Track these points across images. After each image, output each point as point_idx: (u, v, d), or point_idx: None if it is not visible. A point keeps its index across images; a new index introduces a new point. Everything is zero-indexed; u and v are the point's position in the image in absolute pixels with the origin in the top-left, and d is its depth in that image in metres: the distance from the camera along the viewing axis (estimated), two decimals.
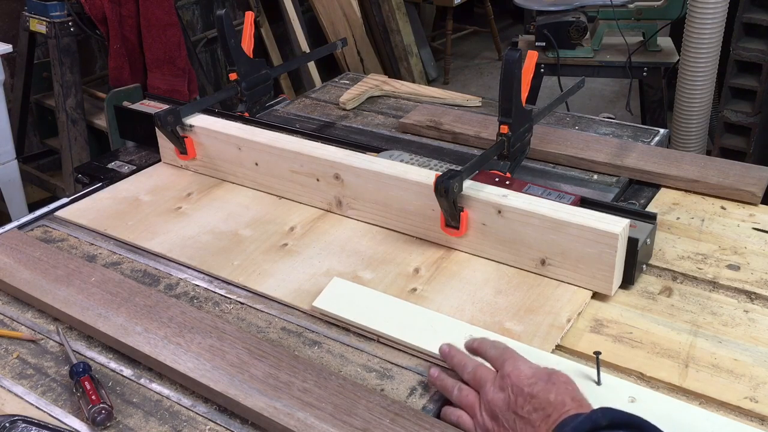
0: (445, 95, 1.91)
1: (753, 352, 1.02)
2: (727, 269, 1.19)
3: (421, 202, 1.26)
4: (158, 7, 2.91)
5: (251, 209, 1.42)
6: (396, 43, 4.53)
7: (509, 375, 0.90)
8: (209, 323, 1.08)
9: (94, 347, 1.09)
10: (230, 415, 0.96)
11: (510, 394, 0.88)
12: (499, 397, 0.89)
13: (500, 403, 0.88)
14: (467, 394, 0.93)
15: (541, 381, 0.87)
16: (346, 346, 1.07)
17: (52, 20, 2.84)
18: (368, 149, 1.46)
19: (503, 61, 1.28)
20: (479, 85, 4.98)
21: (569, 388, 0.86)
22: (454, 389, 0.95)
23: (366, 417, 0.91)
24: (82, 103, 3.00)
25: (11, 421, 0.92)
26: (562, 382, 0.87)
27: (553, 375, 0.88)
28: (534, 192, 1.24)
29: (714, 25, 2.87)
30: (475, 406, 0.91)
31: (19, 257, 1.25)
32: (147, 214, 1.41)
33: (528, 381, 0.88)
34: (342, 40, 2.00)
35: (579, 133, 1.65)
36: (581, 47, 3.14)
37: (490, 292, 1.16)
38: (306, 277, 1.21)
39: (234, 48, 1.63)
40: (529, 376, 0.88)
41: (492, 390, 0.90)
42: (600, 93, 4.57)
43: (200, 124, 1.51)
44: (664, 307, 1.12)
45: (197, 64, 3.38)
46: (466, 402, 0.93)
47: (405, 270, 1.22)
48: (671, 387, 0.97)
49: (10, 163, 2.84)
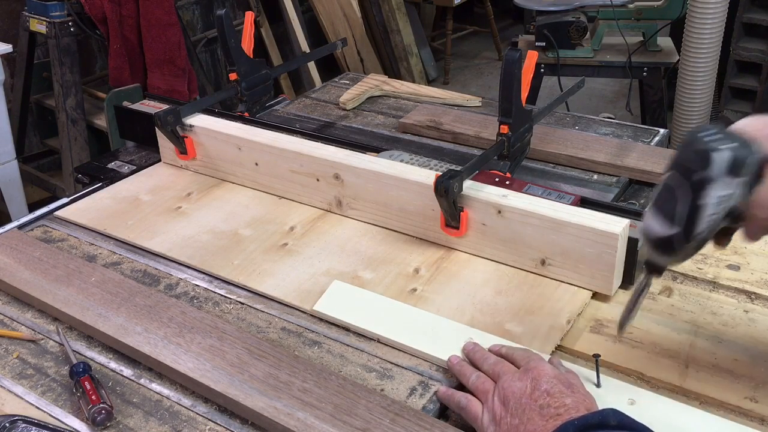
0: (445, 95, 1.91)
1: (753, 352, 1.02)
2: (727, 269, 1.19)
3: (421, 202, 1.26)
4: (158, 7, 2.91)
5: (251, 209, 1.42)
6: (396, 43, 4.53)
7: (532, 369, 0.90)
8: (209, 323, 1.08)
9: (94, 347, 1.09)
10: (230, 415, 0.96)
11: (528, 385, 0.88)
12: (515, 386, 0.89)
13: (516, 390, 0.88)
14: (484, 381, 0.94)
15: (562, 384, 0.87)
16: (346, 346, 1.07)
17: (52, 20, 2.84)
18: (368, 149, 1.46)
19: (503, 61, 1.28)
20: (479, 85, 4.98)
21: (587, 400, 0.86)
22: (472, 375, 0.95)
23: (366, 417, 0.91)
24: (82, 103, 3.00)
25: (11, 421, 0.92)
26: (582, 392, 0.88)
27: (574, 385, 0.88)
28: (534, 192, 1.24)
29: (714, 25, 2.87)
30: (489, 393, 0.91)
31: (19, 257, 1.25)
32: (147, 214, 1.41)
33: (549, 379, 0.88)
34: (342, 40, 2.00)
35: (579, 133, 1.65)
36: (581, 47, 3.15)
37: (490, 293, 1.16)
38: (306, 277, 1.21)
39: (234, 48, 1.63)
40: (551, 376, 0.88)
41: (510, 379, 0.90)
42: (600, 93, 4.57)
43: (200, 124, 1.51)
44: (664, 307, 1.12)
45: (197, 64, 3.39)
46: (481, 388, 0.93)
47: (405, 270, 1.22)
48: (671, 387, 0.97)
49: (10, 163, 2.84)
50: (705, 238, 0.80)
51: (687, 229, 0.79)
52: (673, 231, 0.79)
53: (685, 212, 0.78)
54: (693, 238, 0.79)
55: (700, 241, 0.80)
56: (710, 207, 0.77)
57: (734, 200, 0.78)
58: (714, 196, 0.77)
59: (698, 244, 0.81)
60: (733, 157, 0.75)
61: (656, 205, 0.82)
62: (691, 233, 0.79)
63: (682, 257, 0.84)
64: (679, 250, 0.81)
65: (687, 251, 0.82)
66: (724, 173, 0.76)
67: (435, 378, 1.00)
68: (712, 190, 0.76)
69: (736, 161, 0.75)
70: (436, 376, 1.01)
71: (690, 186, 0.77)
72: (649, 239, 0.83)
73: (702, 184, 0.77)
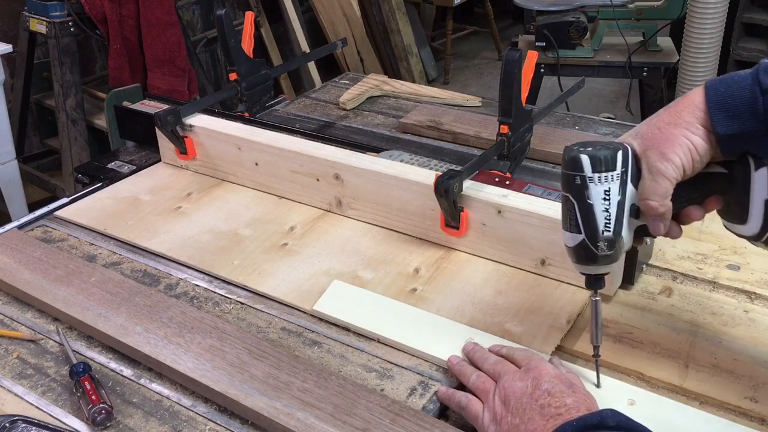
0: (445, 95, 1.91)
1: (753, 352, 1.02)
2: (727, 269, 1.19)
3: (421, 202, 1.26)
4: (158, 7, 2.91)
5: (251, 209, 1.42)
6: (396, 43, 4.53)
7: (533, 369, 0.90)
8: (209, 323, 1.08)
9: (94, 347, 1.09)
10: (230, 415, 0.96)
11: (529, 385, 0.88)
12: (516, 385, 0.89)
13: (517, 390, 0.88)
14: (484, 380, 0.94)
15: (563, 384, 0.87)
16: (346, 346, 1.07)
17: (52, 20, 2.84)
18: (368, 149, 1.46)
19: (503, 61, 1.28)
20: (479, 85, 4.98)
21: (588, 400, 0.86)
22: (472, 375, 0.95)
23: (366, 417, 0.91)
24: (82, 103, 3.00)
25: (11, 421, 0.92)
26: (582, 393, 0.88)
27: (575, 385, 0.89)
28: (534, 192, 1.24)
29: (714, 25, 2.87)
30: (489, 392, 0.91)
31: (19, 257, 1.25)
32: (147, 214, 1.41)
33: (550, 378, 0.88)
34: (342, 40, 2.00)
35: (579, 133, 1.65)
36: (581, 47, 3.15)
37: (490, 293, 1.16)
38: (306, 277, 1.21)
39: (234, 48, 1.63)
40: (552, 376, 0.89)
41: (511, 379, 0.90)
42: (600, 93, 4.57)
43: (200, 124, 1.51)
44: (664, 307, 1.12)
45: (197, 64, 3.39)
46: (482, 387, 0.93)
47: (405, 270, 1.22)
48: (671, 387, 0.97)
49: (10, 163, 2.84)
50: (614, 237, 0.87)
51: (588, 231, 0.87)
52: (581, 237, 0.88)
53: (583, 215, 0.87)
54: (600, 238, 0.87)
55: (610, 240, 0.87)
56: (598, 204, 0.86)
57: (622, 196, 0.86)
58: (595, 192, 0.86)
59: (610, 243, 0.88)
60: (595, 154, 0.85)
61: (563, 222, 0.90)
62: (595, 233, 0.87)
63: (607, 261, 0.90)
64: (597, 253, 0.88)
65: (606, 254, 0.88)
66: (594, 169, 0.85)
67: (435, 378, 1.00)
68: (592, 188, 0.86)
69: (600, 157, 0.85)
70: (436, 376, 1.01)
71: (575, 192, 0.87)
72: (572, 254, 0.91)
73: (581, 187, 0.86)
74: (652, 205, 0.87)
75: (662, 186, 0.85)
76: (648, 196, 0.87)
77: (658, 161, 0.85)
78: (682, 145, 0.84)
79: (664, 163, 0.85)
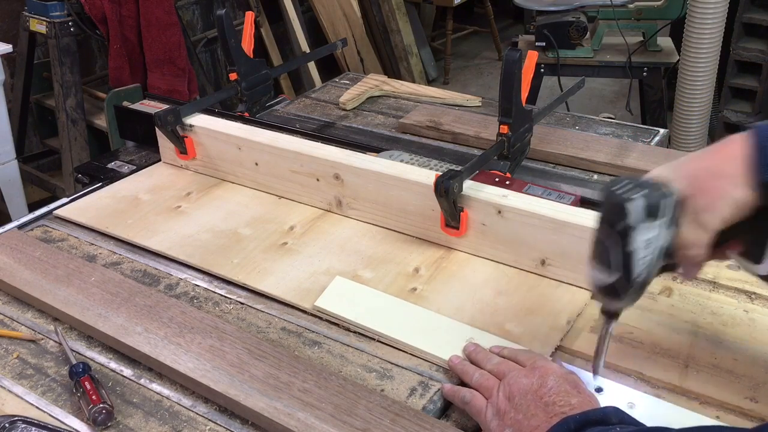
0: (445, 95, 1.91)
1: (753, 352, 1.02)
2: (727, 269, 1.19)
3: (421, 202, 1.26)
4: (158, 7, 2.91)
5: (251, 208, 1.42)
6: (396, 43, 4.53)
7: (540, 368, 0.90)
8: (209, 323, 1.08)
9: (94, 347, 1.09)
10: (230, 416, 0.96)
11: (534, 382, 0.88)
12: (521, 382, 0.89)
13: (522, 386, 0.88)
14: (488, 378, 0.94)
15: (568, 384, 0.87)
16: (346, 347, 1.07)
17: (52, 20, 2.84)
18: (368, 149, 1.47)
19: (503, 61, 1.28)
20: (479, 85, 4.98)
21: (592, 401, 0.86)
22: (475, 373, 0.96)
23: (366, 417, 0.91)
24: (82, 103, 3.00)
25: (11, 421, 0.92)
26: (587, 393, 0.88)
27: (580, 385, 0.89)
28: (534, 192, 1.24)
29: (714, 25, 2.87)
30: (493, 389, 0.91)
31: (19, 257, 1.25)
32: (146, 213, 1.41)
33: (556, 377, 0.88)
34: (342, 40, 2.00)
35: (579, 133, 1.65)
36: (581, 47, 3.15)
37: (490, 293, 1.16)
38: (306, 276, 1.21)
39: (234, 48, 1.64)
40: (558, 375, 0.89)
41: (517, 376, 0.91)
42: (600, 93, 4.57)
43: (200, 124, 1.51)
44: (664, 307, 1.12)
45: (197, 64, 3.39)
46: (485, 385, 0.93)
47: (405, 270, 1.22)
48: (671, 387, 0.97)
49: (10, 163, 2.84)
50: (645, 279, 0.86)
51: (626, 273, 0.85)
52: (614, 277, 0.85)
53: (620, 259, 0.84)
54: (633, 281, 0.85)
55: (641, 283, 0.86)
56: (639, 251, 0.83)
57: (662, 240, 0.84)
58: (639, 240, 0.82)
59: (641, 285, 0.86)
60: (645, 204, 0.81)
61: (594, 257, 0.88)
62: (630, 277, 0.84)
63: (631, 300, 0.89)
64: (624, 293, 0.87)
65: (632, 294, 0.87)
66: (641, 219, 0.81)
67: (435, 378, 1.00)
68: (636, 236, 0.82)
69: (649, 206, 0.81)
70: (436, 376, 1.01)
71: (617, 235, 0.83)
72: (597, 288, 0.89)
73: (625, 233, 0.82)
74: (694, 255, 0.85)
75: (706, 237, 0.84)
76: (690, 247, 0.84)
77: (705, 212, 0.82)
78: (727, 198, 0.81)
79: (711, 214, 0.82)
